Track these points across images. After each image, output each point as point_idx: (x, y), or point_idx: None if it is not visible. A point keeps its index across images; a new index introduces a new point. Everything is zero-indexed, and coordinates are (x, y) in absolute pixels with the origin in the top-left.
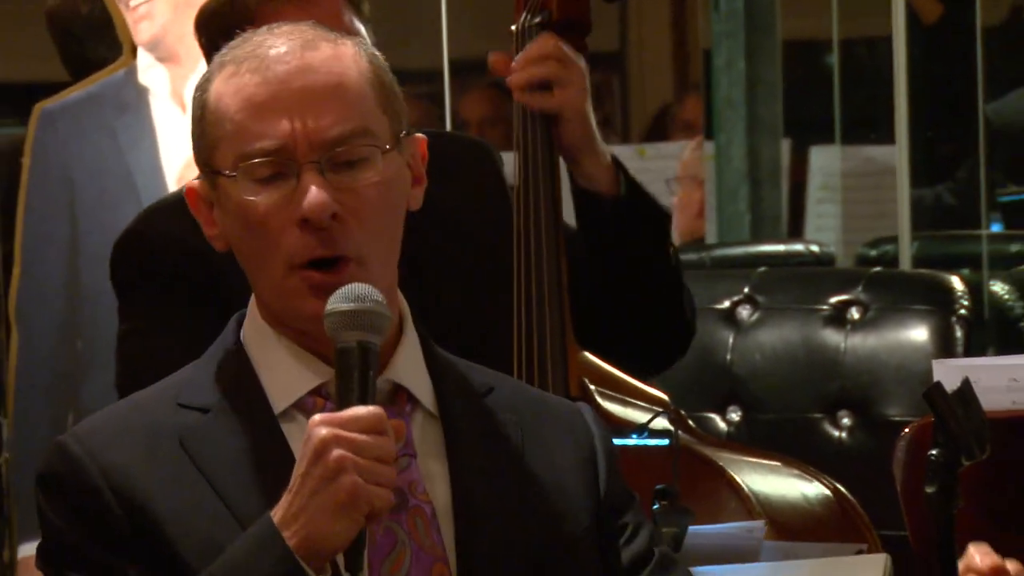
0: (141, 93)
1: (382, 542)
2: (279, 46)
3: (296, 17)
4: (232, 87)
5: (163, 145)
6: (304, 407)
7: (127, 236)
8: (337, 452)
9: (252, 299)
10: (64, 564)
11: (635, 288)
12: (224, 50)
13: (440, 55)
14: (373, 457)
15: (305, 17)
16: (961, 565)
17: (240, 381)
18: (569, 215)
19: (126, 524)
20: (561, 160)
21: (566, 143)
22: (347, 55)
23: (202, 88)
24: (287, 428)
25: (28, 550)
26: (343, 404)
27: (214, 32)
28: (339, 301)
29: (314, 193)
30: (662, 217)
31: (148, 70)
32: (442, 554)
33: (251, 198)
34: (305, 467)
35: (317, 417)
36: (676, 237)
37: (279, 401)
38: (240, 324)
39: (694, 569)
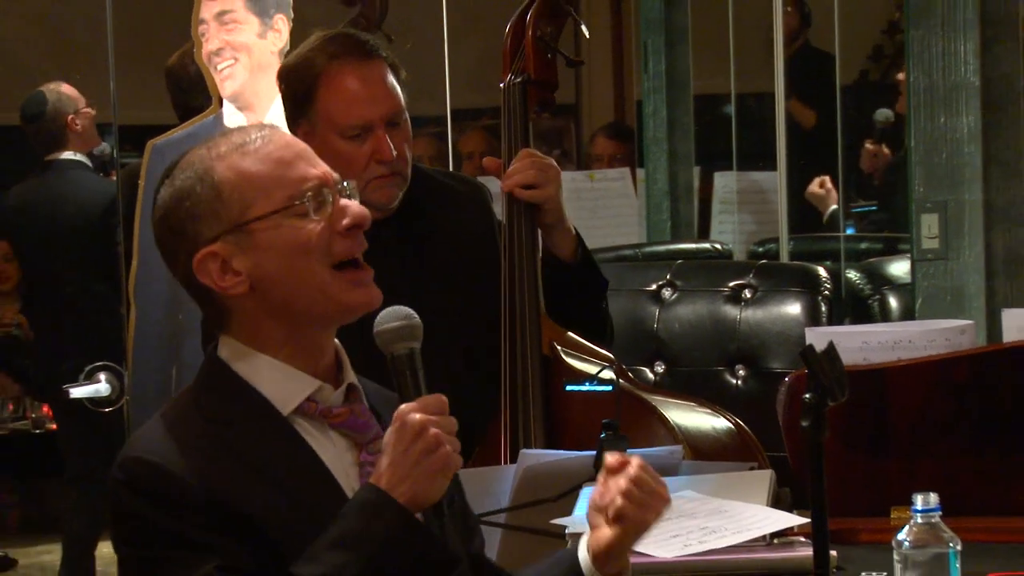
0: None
1: None
2: (255, 131)
3: (354, 80)
4: (250, 159)
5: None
6: (303, 411)
7: None
8: (434, 430)
9: (221, 339)
10: (159, 559)
11: (575, 322)
12: (193, 158)
13: (444, 105)
14: (450, 432)
15: (362, 84)
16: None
17: (243, 395)
18: None
19: (214, 511)
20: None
21: (543, 223)
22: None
23: (204, 176)
24: (297, 424)
25: None
26: (405, 398)
27: (292, 81)
28: (387, 321)
29: (356, 205)
30: (601, 280)
31: (231, 116)
32: None
33: (307, 222)
34: (406, 444)
35: (403, 408)
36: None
37: (283, 407)
38: (208, 363)
39: None
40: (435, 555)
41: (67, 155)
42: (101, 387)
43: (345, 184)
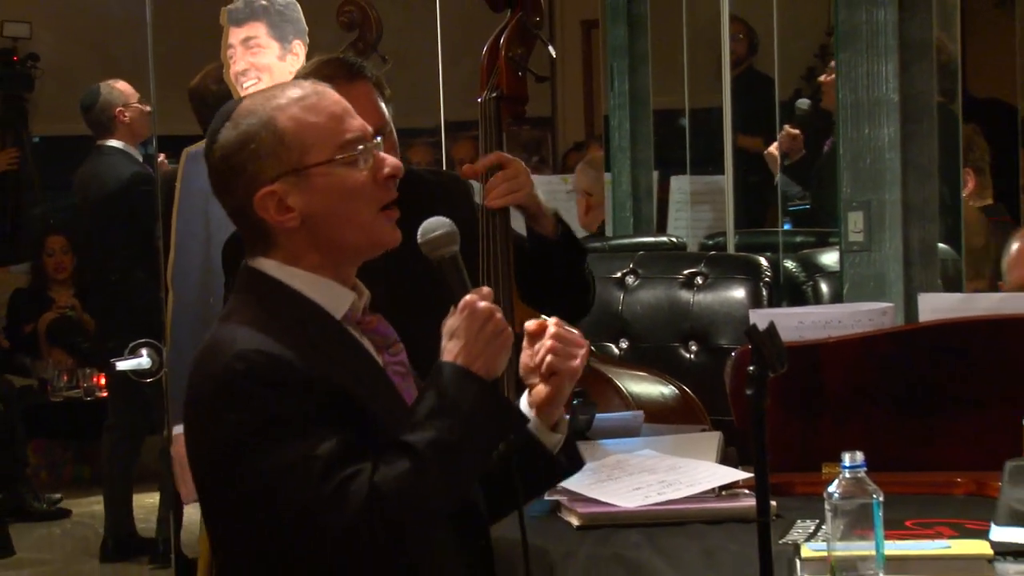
0: None
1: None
2: (307, 85)
3: (347, 99)
4: (309, 112)
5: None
6: (346, 318)
7: (234, 235)
8: (499, 315)
9: (256, 260)
10: (295, 430)
11: (563, 286)
12: (261, 103)
13: (439, 117)
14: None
15: (350, 98)
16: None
17: (299, 302)
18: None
19: (326, 391)
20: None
21: (525, 214)
22: None
23: (268, 123)
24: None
25: (179, 430)
26: (457, 291)
27: None
28: (431, 231)
29: (391, 157)
30: (582, 250)
31: None
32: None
33: (355, 170)
34: (479, 327)
35: (470, 298)
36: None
37: (335, 313)
38: (254, 278)
39: (601, 442)
40: (511, 415)
41: (112, 142)
42: (143, 361)
43: (379, 138)
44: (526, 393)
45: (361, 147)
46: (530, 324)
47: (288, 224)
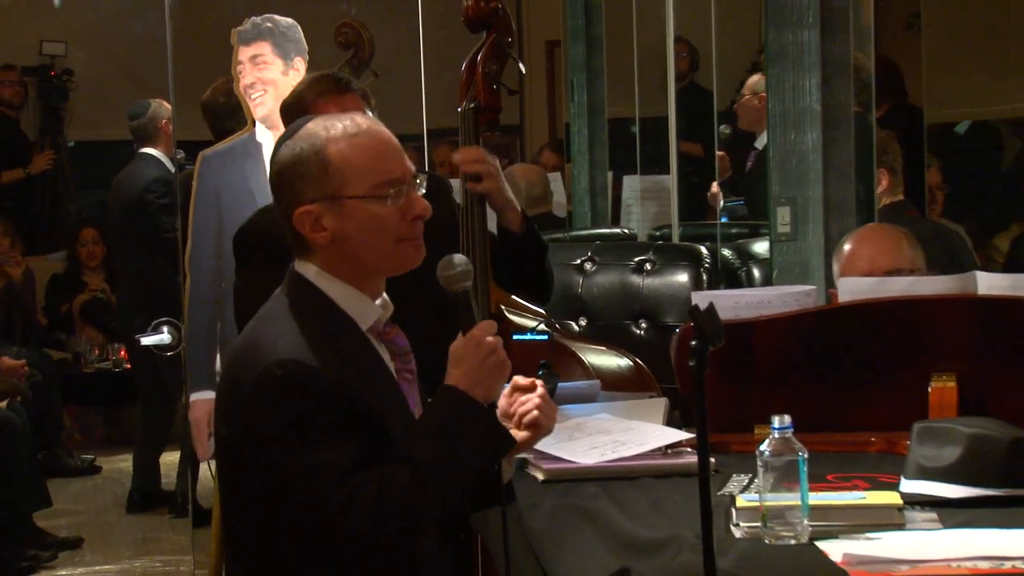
0: (257, 146)
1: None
2: (364, 123)
3: (335, 109)
4: (357, 149)
5: (269, 176)
6: (372, 331)
7: (242, 228)
8: (502, 349)
9: (300, 261)
10: (321, 438)
11: (527, 278)
12: (318, 130)
13: (422, 125)
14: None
15: (340, 109)
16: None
17: (332, 312)
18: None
19: (350, 404)
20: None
21: (494, 207)
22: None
23: (319, 151)
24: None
25: (196, 396)
26: (466, 322)
27: (291, 112)
28: (450, 267)
29: (421, 200)
30: (543, 244)
31: (261, 133)
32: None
33: (385, 207)
34: (483, 358)
35: (478, 332)
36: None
37: (362, 325)
38: (299, 283)
39: (563, 407)
40: (502, 439)
41: (151, 150)
42: (164, 337)
43: (418, 180)
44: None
45: (393, 190)
46: (521, 380)
47: (320, 240)
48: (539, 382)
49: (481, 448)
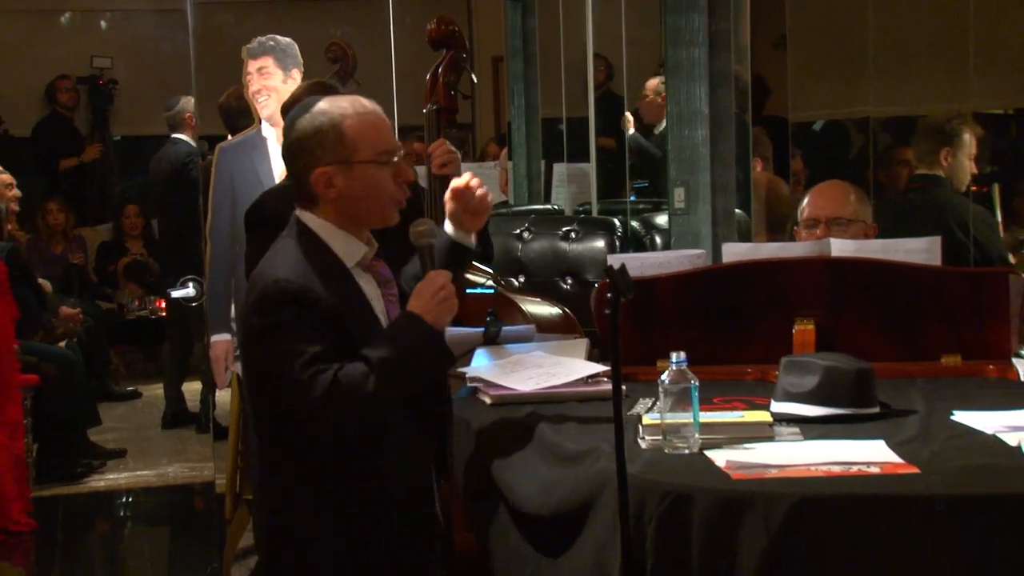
0: (263, 140)
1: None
2: (369, 105)
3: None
4: (367, 124)
5: (273, 164)
6: (360, 264)
7: (252, 205)
8: (451, 287)
9: (303, 214)
10: (296, 334)
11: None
12: (334, 107)
13: (393, 121)
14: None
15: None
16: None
17: (323, 250)
18: None
19: (325, 314)
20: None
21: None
22: None
23: (336, 124)
24: (355, 273)
25: (215, 338)
26: (427, 268)
27: (287, 114)
28: (419, 225)
29: (407, 168)
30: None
31: (266, 130)
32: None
33: (384, 171)
34: (434, 291)
35: (434, 272)
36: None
37: (348, 262)
38: (300, 227)
39: (506, 346)
40: (443, 354)
41: (180, 135)
42: (189, 291)
43: (401, 153)
44: (448, 222)
45: (390, 157)
46: (458, 183)
47: (330, 195)
48: (472, 178)
49: (424, 358)
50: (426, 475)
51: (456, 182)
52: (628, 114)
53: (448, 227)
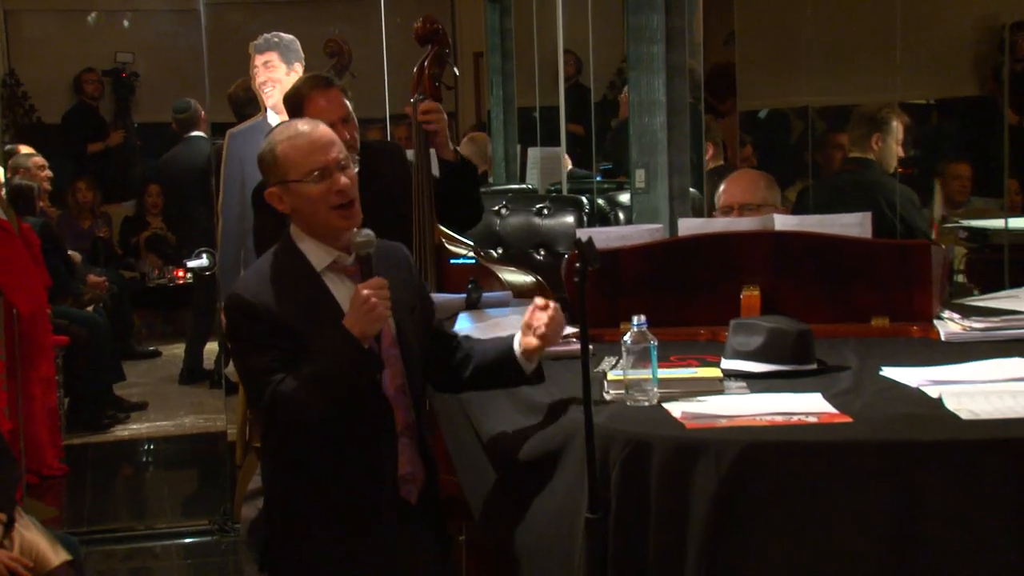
0: (268, 127)
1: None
2: (304, 128)
3: (322, 99)
4: (294, 148)
5: None
6: (331, 268)
7: (258, 185)
8: (373, 299)
9: (292, 225)
10: (249, 348)
11: (464, 202)
12: (275, 134)
13: (384, 109)
14: (384, 299)
15: (327, 102)
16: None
17: (296, 258)
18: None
19: (273, 326)
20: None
21: (436, 144)
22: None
23: (272, 151)
24: (326, 277)
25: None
26: (364, 278)
27: (290, 102)
28: (358, 237)
29: (343, 180)
30: (474, 170)
31: (272, 117)
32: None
33: (315, 186)
34: (358, 305)
35: (360, 287)
36: None
37: (317, 266)
38: (285, 238)
39: (486, 310)
40: (367, 360)
41: (195, 133)
42: (203, 262)
43: (343, 163)
44: (517, 336)
45: (318, 174)
46: (539, 301)
47: (286, 211)
48: (553, 304)
49: (350, 368)
50: (388, 463)
51: (539, 301)
52: (566, 157)
53: (516, 344)
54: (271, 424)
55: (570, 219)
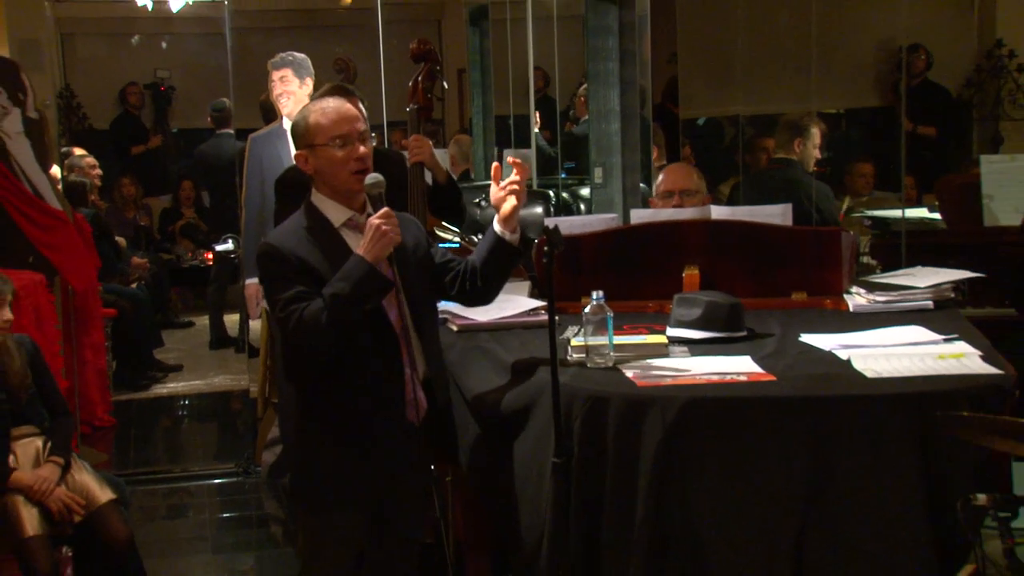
0: (284, 132)
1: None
2: (332, 103)
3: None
4: (323, 116)
5: (291, 149)
6: (347, 225)
7: (279, 178)
8: (384, 227)
9: (312, 190)
10: (278, 285)
11: (450, 209)
12: (309, 106)
13: (382, 117)
14: (393, 227)
15: (343, 104)
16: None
17: (317, 216)
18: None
19: (298, 267)
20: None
21: (429, 167)
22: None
23: (305, 119)
24: (343, 232)
25: (248, 281)
26: (376, 210)
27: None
28: (369, 179)
29: (363, 148)
30: (458, 190)
31: (286, 124)
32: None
33: (338, 151)
34: (371, 232)
35: (374, 218)
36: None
37: (335, 223)
38: (307, 200)
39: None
40: (379, 282)
41: (226, 131)
42: (229, 246)
43: (363, 138)
44: (494, 221)
45: (340, 140)
46: (512, 158)
47: (310, 172)
48: (510, 158)
49: (363, 287)
50: (396, 388)
51: (511, 158)
52: (536, 115)
53: (497, 227)
54: (297, 351)
55: (539, 210)
